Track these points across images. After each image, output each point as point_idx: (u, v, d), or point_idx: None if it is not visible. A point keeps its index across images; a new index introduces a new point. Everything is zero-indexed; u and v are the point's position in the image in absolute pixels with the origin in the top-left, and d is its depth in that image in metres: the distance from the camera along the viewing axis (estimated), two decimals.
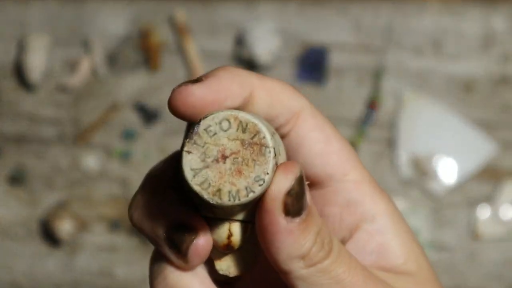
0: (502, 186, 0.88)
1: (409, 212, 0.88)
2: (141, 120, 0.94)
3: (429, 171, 0.89)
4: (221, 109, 0.31)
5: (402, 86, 0.90)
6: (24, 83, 0.96)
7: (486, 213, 0.88)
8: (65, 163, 0.94)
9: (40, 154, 0.95)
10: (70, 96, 0.95)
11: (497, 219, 0.88)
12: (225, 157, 0.29)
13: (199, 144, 0.29)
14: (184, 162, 0.29)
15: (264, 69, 0.91)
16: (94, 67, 0.95)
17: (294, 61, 0.92)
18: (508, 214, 0.88)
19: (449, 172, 0.89)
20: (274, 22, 0.92)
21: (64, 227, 0.91)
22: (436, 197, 0.89)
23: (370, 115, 0.90)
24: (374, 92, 0.91)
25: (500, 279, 0.88)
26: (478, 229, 0.88)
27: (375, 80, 0.91)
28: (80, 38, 0.95)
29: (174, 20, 0.94)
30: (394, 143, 0.90)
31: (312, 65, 0.92)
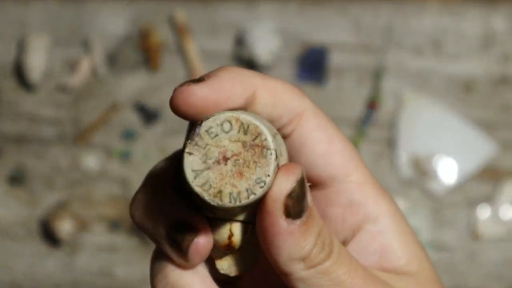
0: (502, 186, 0.88)
1: (409, 212, 0.88)
2: (141, 120, 0.94)
3: (429, 171, 0.89)
4: (222, 109, 0.31)
5: (402, 86, 0.90)
6: (24, 83, 0.96)
7: (486, 213, 0.88)
8: (65, 163, 0.94)
9: (40, 154, 0.95)
10: (70, 96, 0.95)
11: (497, 219, 0.88)
12: (226, 158, 0.29)
13: (201, 145, 0.29)
14: (185, 163, 0.29)
15: (264, 69, 0.91)
16: (94, 67, 0.95)
17: (294, 61, 0.92)
18: (508, 214, 0.88)
19: (449, 172, 0.89)
20: (274, 22, 0.92)
21: (64, 227, 0.91)
22: (436, 197, 0.89)
23: (370, 115, 0.90)
24: (374, 92, 0.91)
25: (500, 279, 0.88)
26: (478, 229, 0.88)
27: (375, 80, 0.91)
28: (80, 38, 0.95)
29: (174, 20, 0.94)
30: (394, 143, 0.90)
31: (312, 65, 0.92)
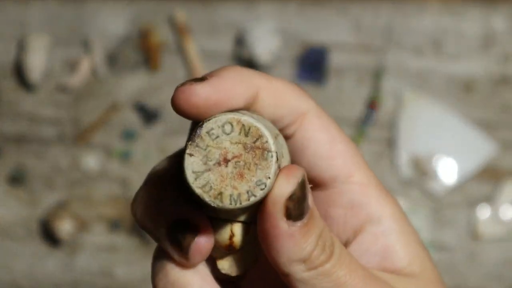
0: (502, 186, 0.88)
1: (409, 212, 0.88)
2: (141, 120, 0.94)
3: (429, 171, 0.89)
4: (224, 109, 0.31)
5: (402, 86, 0.90)
6: (24, 83, 0.96)
7: (486, 213, 0.88)
8: (65, 163, 0.94)
9: (40, 154, 0.95)
10: (70, 96, 0.95)
11: (497, 219, 0.88)
12: (227, 160, 0.29)
13: (201, 147, 0.29)
14: (186, 165, 0.29)
15: (264, 69, 0.91)
16: (94, 67, 0.95)
17: (294, 61, 0.92)
18: (508, 214, 0.88)
19: (449, 172, 0.89)
20: (274, 22, 0.92)
21: (64, 227, 0.91)
22: (436, 197, 0.89)
23: (370, 115, 0.90)
24: (374, 92, 0.91)
25: (500, 279, 0.88)
26: (478, 229, 0.88)
27: (375, 80, 0.91)
28: (80, 38, 0.95)
29: (174, 20, 0.94)
30: (394, 143, 0.90)
31: (312, 65, 0.92)
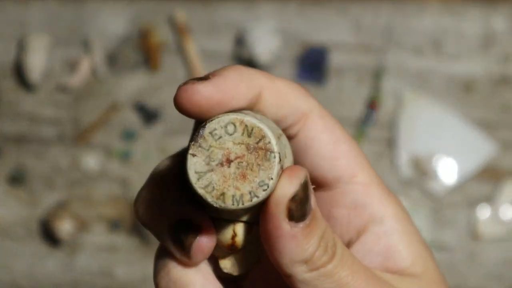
0: (502, 186, 0.88)
1: (409, 212, 0.88)
2: (141, 120, 0.94)
3: (429, 171, 0.89)
4: (227, 109, 0.31)
5: (402, 86, 0.90)
6: (24, 83, 0.95)
7: (486, 213, 0.88)
8: (65, 163, 0.94)
9: (40, 154, 0.95)
10: (70, 96, 0.95)
11: (497, 219, 0.88)
12: (229, 161, 0.29)
13: (204, 147, 0.29)
14: (188, 165, 0.29)
15: (264, 69, 0.91)
16: (94, 67, 0.95)
17: (294, 61, 0.92)
18: (508, 214, 0.88)
19: (449, 172, 0.89)
20: (274, 22, 0.92)
21: (64, 227, 0.91)
22: (436, 197, 0.89)
23: (370, 115, 0.90)
24: (374, 92, 0.91)
25: (500, 279, 0.88)
26: (478, 229, 0.88)
27: (375, 80, 0.91)
28: (80, 38, 0.95)
29: (174, 20, 0.94)
30: (394, 143, 0.90)
31: (312, 65, 0.92)
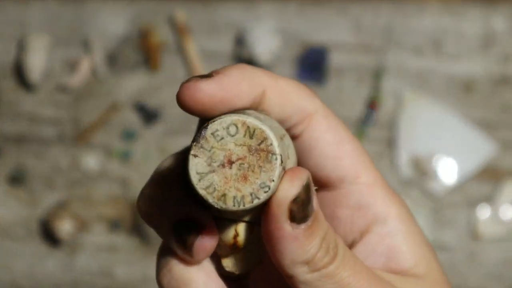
0: (502, 186, 0.88)
1: None
2: (141, 120, 0.93)
3: (429, 171, 0.89)
4: (229, 107, 0.31)
5: (402, 86, 0.90)
6: (24, 83, 0.95)
7: (486, 213, 0.88)
8: (65, 163, 0.94)
9: (40, 154, 0.95)
10: (70, 96, 0.95)
11: (497, 219, 0.88)
12: (231, 162, 0.29)
13: (206, 148, 0.29)
14: (190, 166, 0.29)
15: (264, 69, 0.91)
16: (94, 67, 0.95)
17: (294, 61, 0.92)
18: (508, 214, 0.88)
19: (449, 172, 0.89)
20: (274, 22, 0.92)
21: (64, 227, 0.91)
22: (436, 197, 0.89)
23: (370, 115, 0.90)
24: (374, 92, 0.91)
25: (500, 279, 0.88)
26: (478, 229, 0.88)
27: (375, 80, 0.91)
28: (80, 38, 0.95)
29: (174, 20, 0.94)
30: (394, 143, 0.90)
31: (312, 65, 0.92)
